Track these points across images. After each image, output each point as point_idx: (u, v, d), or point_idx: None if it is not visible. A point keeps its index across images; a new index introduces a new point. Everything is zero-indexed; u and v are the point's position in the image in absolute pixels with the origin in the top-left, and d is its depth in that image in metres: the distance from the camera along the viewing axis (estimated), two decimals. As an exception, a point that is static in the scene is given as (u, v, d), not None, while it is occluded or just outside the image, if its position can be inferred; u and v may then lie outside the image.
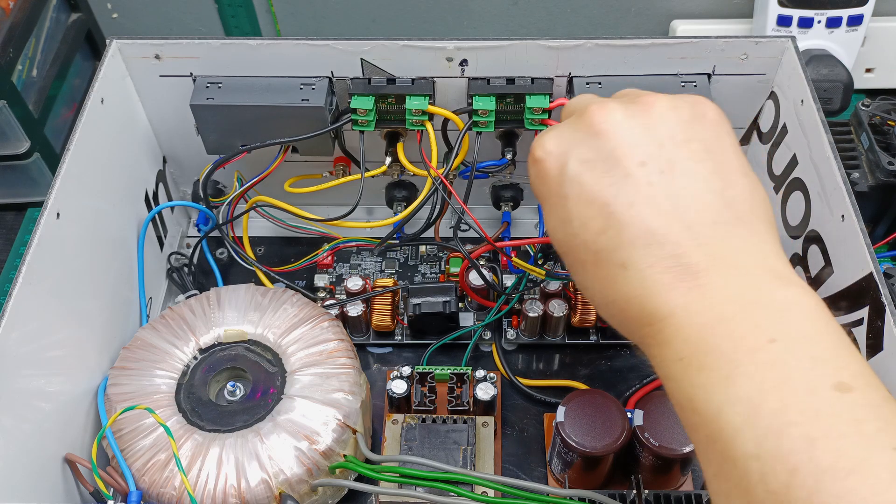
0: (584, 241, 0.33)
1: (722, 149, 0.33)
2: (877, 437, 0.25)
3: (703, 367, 0.29)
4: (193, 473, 0.43)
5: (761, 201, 0.33)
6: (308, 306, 0.51)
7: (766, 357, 0.27)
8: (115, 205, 0.52)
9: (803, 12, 0.70)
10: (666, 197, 0.31)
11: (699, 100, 0.35)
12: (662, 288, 0.30)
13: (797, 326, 0.28)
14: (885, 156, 0.58)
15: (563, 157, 0.34)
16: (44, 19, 0.70)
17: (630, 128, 0.33)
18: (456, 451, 0.48)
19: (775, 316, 0.28)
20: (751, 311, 0.29)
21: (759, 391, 0.27)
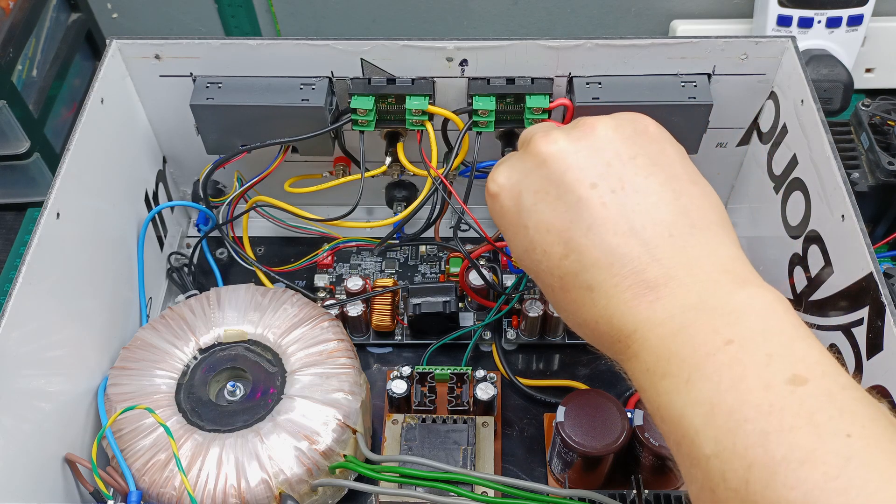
0: (549, 267, 0.34)
1: (668, 160, 0.34)
2: (829, 426, 0.26)
3: (665, 375, 0.30)
4: (193, 473, 0.43)
5: (714, 205, 0.34)
6: (308, 306, 0.51)
7: (723, 358, 0.28)
8: (115, 205, 0.52)
9: (803, 12, 0.70)
10: (621, 216, 0.32)
11: (638, 116, 0.36)
12: (626, 305, 0.31)
13: (753, 325, 0.29)
14: (885, 156, 0.58)
15: (516, 188, 0.35)
16: (44, 19, 0.70)
17: (575, 151, 0.34)
18: (456, 451, 0.48)
19: (731, 318, 0.29)
20: (708, 316, 0.30)
21: (716, 392, 0.28)
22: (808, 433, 0.26)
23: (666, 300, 0.31)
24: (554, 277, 0.34)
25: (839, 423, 0.26)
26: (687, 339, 0.29)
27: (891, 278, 0.53)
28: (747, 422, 0.27)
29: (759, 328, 0.29)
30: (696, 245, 0.32)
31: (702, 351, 0.29)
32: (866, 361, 0.41)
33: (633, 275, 0.31)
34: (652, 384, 0.30)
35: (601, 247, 0.32)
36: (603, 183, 0.33)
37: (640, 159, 0.34)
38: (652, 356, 0.30)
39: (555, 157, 0.34)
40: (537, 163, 0.34)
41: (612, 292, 0.31)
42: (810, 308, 0.47)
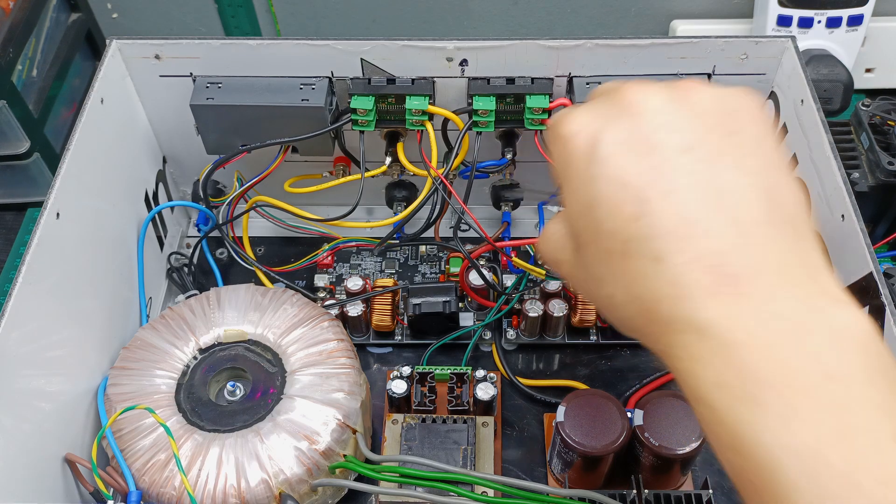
0: (613, 228, 0.29)
1: (769, 146, 0.30)
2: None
3: (752, 402, 0.25)
4: (193, 473, 0.43)
5: (807, 208, 0.30)
6: (308, 306, 0.51)
7: (825, 399, 0.24)
8: (115, 205, 0.52)
9: (803, 12, 0.70)
10: (712, 188, 0.28)
11: (745, 91, 0.31)
12: (700, 291, 0.27)
13: (855, 361, 0.25)
14: (885, 156, 0.58)
15: (596, 135, 0.30)
16: (44, 19, 0.70)
17: (673, 111, 0.30)
18: (456, 451, 0.48)
19: (831, 345, 0.25)
20: (804, 337, 0.25)
21: (819, 442, 0.24)
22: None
23: (751, 299, 0.26)
24: (616, 241, 0.29)
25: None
26: (779, 362, 0.25)
27: (891, 278, 0.53)
28: (860, 488, 0.23)
29: (861, 365, 0.25)
30: (787, 243, 0.27)
31: (798, 383, 0.24)
32: None
33: (713, 256, 0.27)
34: (730, 407, 0.25)
35: (681, 214, 0.27)
36: (697, 151, 0.29)
37: (740, 137, 0.29)
38: (731, 371, 0.25)
39: (651, 110, 0.30)
40: (629, 112, 0.30)
41: (684, 269, 0.27)
42: (810, 308, 0.47)
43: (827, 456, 0.23)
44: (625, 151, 0.29)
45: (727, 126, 0.30)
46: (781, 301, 0.26)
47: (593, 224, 0.30)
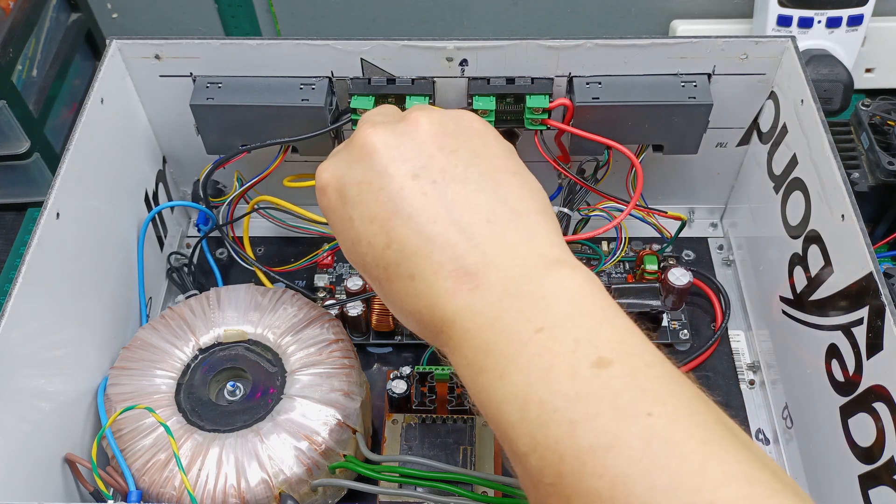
0: (373, 258, 0.34)
1: (490, 154, 0.35)
2: (631, 407, 0.26)
3: (483, 369, 0.29)
4: (193, 473, 0.43)
5: (535, 194, 0.34)
6: (308, 306, 0.51)
7: (533, 349, 0.28)
8: (115, 205, 0.52)
9: (803, 12, 0.70)
10: (441, 204, 0.32)
11: (464, 113, 0.36)
12: (446, 293, 0.31)
13: (561, 310, 0.29)
14: (885, 156, 0.58)
15: (341, 181, 0.35)
16: (44, 19, 0.70)
17: (399, 144, 0.34)
18: (456, 451, 0.48)
19: (542, 304, 0.29)
20: (521, 303, 0.29)
21: (527, 385, 0.27)
22: (611, 418, 0.26)
23: (484, 288, 0.30)
24: (379, 269, 0.33)
25: (640, 404, 0.26)
26: (501, 328, 0.29)
27: (891, 278, 0.53)
28: (556, 412, 0.26)
29: (567, 312, 0.29)
30: (514, 231, 0.32)
31: (514, 342, 0.28)
32: (866, 361, 0.41)
33: (452, 261, 0.31)
34: (472, 380, 0.30)
35: (420, 235, 0.32)
36: (424, 174, 0.33)
37: (461, 152, 0.34)
38: (471, 349, 0.30)
39: (378, 148, 0.34)
40: (363, 154, 0.35)
41: (432, 280, 0.31)
42: (810, 308, 0.47)
43: (533, 394, 0.27)
44: (366, 189, 0.34)
45: (448, 146, 0.34)
46: (507, 282, 0.30)
47: (360, 259, 0.35)
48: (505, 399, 0.28)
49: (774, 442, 0.53)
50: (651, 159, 0.54)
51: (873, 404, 0.40)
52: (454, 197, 0.33)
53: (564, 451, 0.26)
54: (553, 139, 0.54)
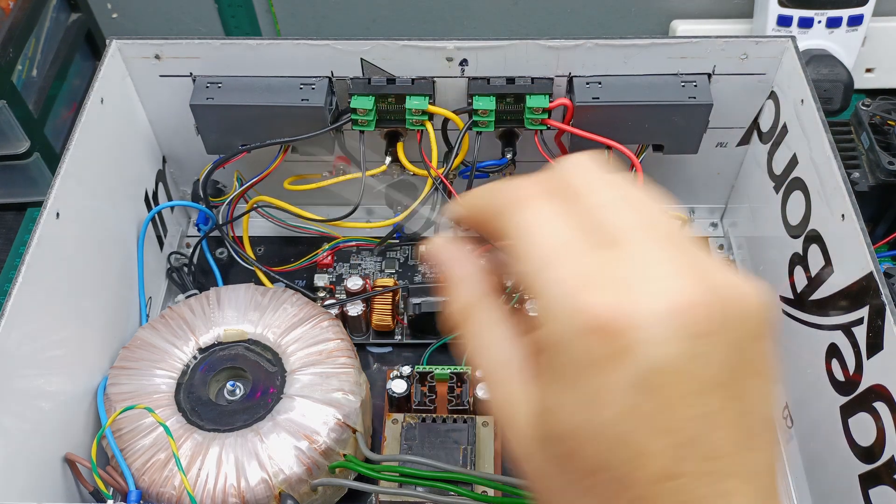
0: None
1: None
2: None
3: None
4: (193, 473, 0.43)
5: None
6: (308, 306, 0.51)
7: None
8: (115, 205, 0.52)
9: (803, 12, 0.70)
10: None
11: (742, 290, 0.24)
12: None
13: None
14: (886, 156, 0.58)
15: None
16: (44, 19, 0.70)
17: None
18: (456, 450, 0.48)
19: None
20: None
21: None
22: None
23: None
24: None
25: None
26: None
27: (891, 278, 0.53)
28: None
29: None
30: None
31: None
32: (866, 361, 0.41)
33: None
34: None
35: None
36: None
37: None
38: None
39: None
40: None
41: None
42: (810, 307, 0.47)
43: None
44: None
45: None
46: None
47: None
48: None
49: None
50: (651, 159, 0.54)
51: (873, 404, 0.40)
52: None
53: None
54: (553, 139, 0.54)
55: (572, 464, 0.23)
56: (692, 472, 0.22)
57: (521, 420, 0.25)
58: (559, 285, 0.24)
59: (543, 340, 0.24)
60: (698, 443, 0.22)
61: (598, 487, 0.23)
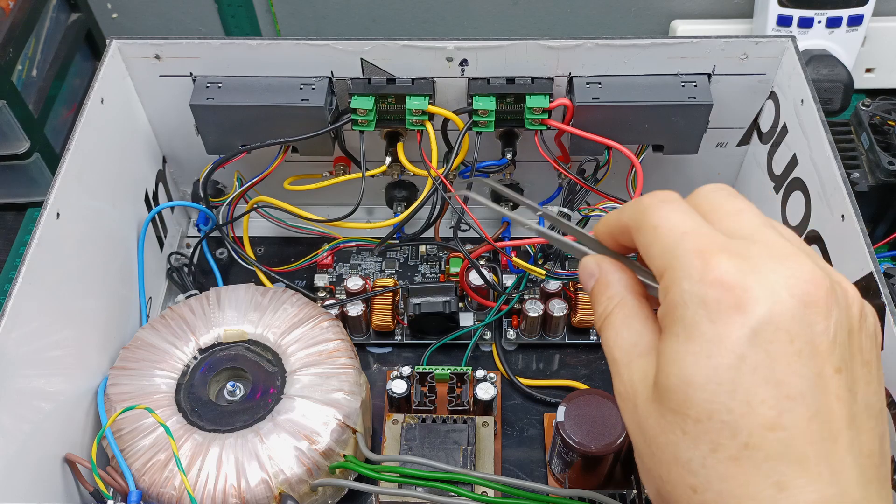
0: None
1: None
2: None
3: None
4: (193, 473, 0.43)
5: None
6: (308, 306, 0.51)
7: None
8: (115, 205, 0.52)
9: (803, 12, 0.70)
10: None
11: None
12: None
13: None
14: (886, 156, 0.58)
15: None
16: (44, 19, 0.70)
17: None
18: (456, 451, 0.48)
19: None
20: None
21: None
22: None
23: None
24: (734, 441, 0.25)
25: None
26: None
27: (891, 278, 0.53)
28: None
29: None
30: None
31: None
32: (866, 361, 0.41)
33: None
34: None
35: (819, 446, 0.25)
36: (845, 374, 0.26)
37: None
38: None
39: (817, 308, 0.25)
40: (793, 301, 0.25)
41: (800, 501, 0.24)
42: (810, 308, 0.47)
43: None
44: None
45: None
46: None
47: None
48: None
49: (774, 442, 0.53)
50: (651, 159, 0.54)
51: (873, 404, 0.40)
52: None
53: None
54: (553, 139, 0.54)
55: (686, 411, 0.25)
56: (796, 427, 0.24)
57: (640, 389, 0.28)
58: (691, 252, 0.26)
59: (671, 302, 0.26)
60: (804, 401, 0.24)
61: (710, 434, 0.25)
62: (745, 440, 0.24)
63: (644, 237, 0.29)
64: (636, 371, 0.28)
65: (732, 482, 0.24)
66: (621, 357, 0.29)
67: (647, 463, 0.27)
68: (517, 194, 0.36)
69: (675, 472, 0.26)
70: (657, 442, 0.27)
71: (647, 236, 0.28)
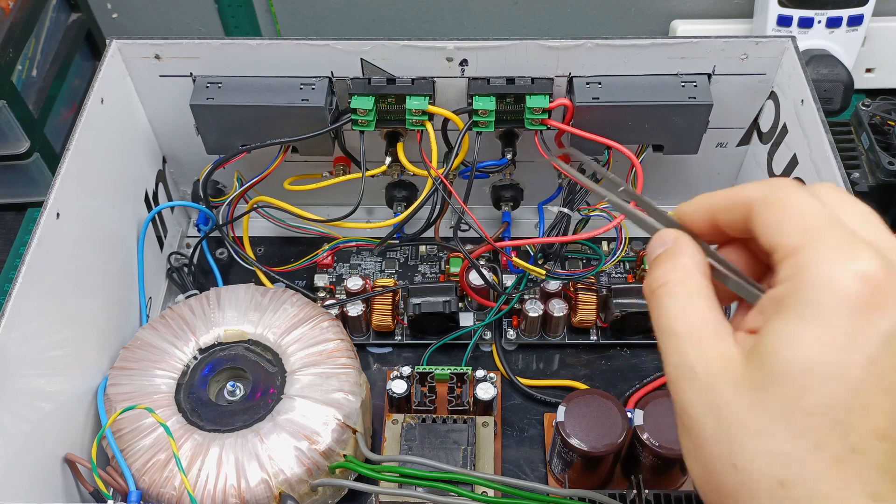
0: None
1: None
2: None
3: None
4: (193, 473, 0.43)
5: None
6: (308, 306, 0.51)
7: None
8: (115, 205, 0.52)
9: (803, 12, 0.70)
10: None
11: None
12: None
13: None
14: (886, 156, 0.58)
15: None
16: (44, 19, 0.70)
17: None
18: (456, 451, 0.48)
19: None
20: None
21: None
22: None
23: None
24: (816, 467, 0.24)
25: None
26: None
27: (891, 278, 0.53)
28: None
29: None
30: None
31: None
32: None
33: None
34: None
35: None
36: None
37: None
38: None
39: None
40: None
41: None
42: (810, 308, 0.47)
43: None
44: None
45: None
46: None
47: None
48: None
49: (774, 442, 0.53)
50: (651, 159, 0.54)
51: (873, 404, 0.40)
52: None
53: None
54: (553, 139, 0.54)
55: (799, 402, 0.24)
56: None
57: (720, 368, 0.26)
58: (839, 237, 0.25)
59: (807, 282, 0.25)
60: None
61: (819, 429, 0.24)
62: (855, 444, 0.23)
63: (776, 213, 0.27)
64: (710, 349, 0.26)
65: (829, 484, 0.24)
66: (687, 331, 0.27)
67: (715, 449, 0.25)
68: (591, 181, 0.35)
69: (761, 462, 0.24)
70: (744, 428, 0.25)
71: (783, 212, 0.27)
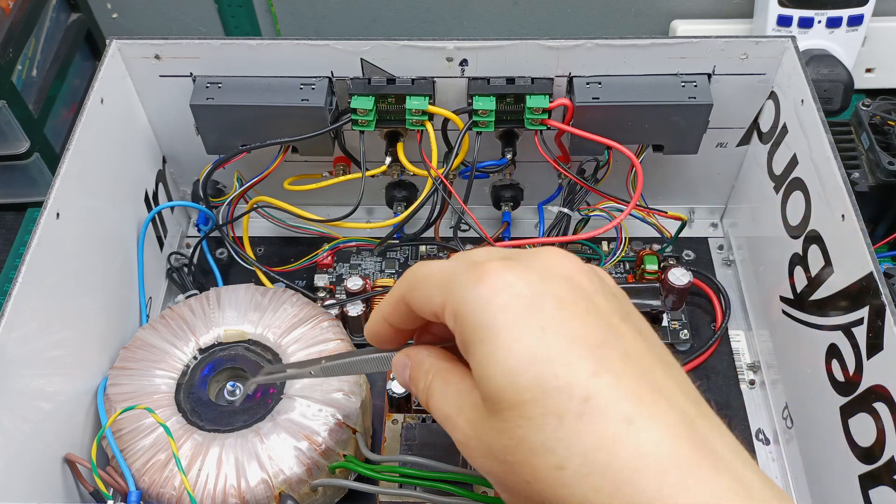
0: (568, 383, 0.27)
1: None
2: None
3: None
4: (193, 473, 0.43)
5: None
6: (308, 306, 0.51)
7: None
8: (115, 205, 0.52)
9: (803, 12, 0.70)
10: (657, 358, 0.29)
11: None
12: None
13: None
14: (886, 156, 0.58)
15: (533, 291, 0.28)
16: (44, 19, 0.70)
17: (602, 289, 0.30)
18: (456, 451, 0.48)
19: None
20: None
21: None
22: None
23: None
24: (573, 400, 0.26)
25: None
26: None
27: (891, 278, 0.53)
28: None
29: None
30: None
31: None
32: (866, 361, 0.41)
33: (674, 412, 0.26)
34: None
35: (643, 379, 0.27)
36: (630, 322, 0.29)
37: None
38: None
39: (583, 279, 0.29)
40: (561, 277, 0.28)
41: (652, 427, 0.25)
42: (811, 308, 0.47)
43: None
44: (571, 307, 0.28)
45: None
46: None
47: (548, 381, 0.26)
48: None
49: (774, 442, 0.53)
50: (651, 159, 0.54)
51: (873, 404, 0.40)
52: (667, 359, 0.29)
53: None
54: (553, 139, 0.54)
55: (522, 399, 0.27)
56: (615, 369, 0.27)
57: (475, 419, 0.30)
58: (461, 268, 0.29)
59: (459, 315, 0.29)
60: (609, 345, 0.27)
61: (551, 405, 0.26)
62: (582, 394, 0.26)
63: (418, 291, 0.30)
64: (468, 411, 0.30)
65: (588, 436, 0.25)
66: (452, 410, 0.31)
67: (512, 482, 0.28)
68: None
69: (536, 464, 0.26)
70: (510, 451, 0.27)
71: (421, 288, 0.30)
